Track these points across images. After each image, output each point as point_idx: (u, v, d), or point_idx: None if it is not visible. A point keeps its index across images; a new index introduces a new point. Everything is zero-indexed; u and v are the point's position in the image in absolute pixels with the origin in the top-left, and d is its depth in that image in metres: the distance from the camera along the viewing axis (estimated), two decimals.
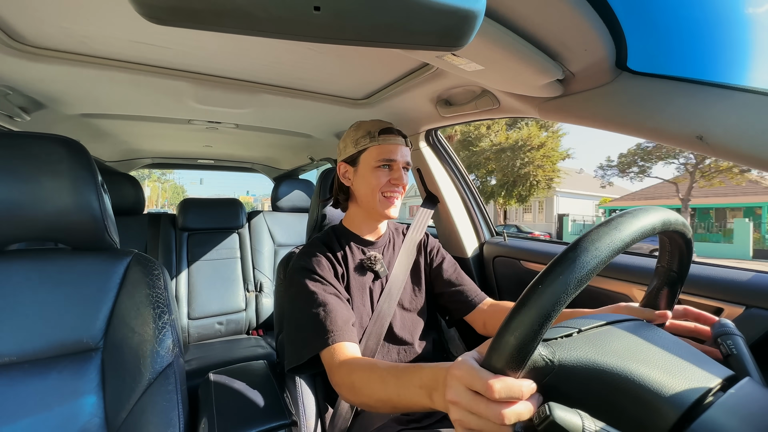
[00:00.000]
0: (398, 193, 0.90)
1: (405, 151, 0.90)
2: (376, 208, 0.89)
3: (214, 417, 0.78)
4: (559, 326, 0.47)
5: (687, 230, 0.48)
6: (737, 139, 0.58)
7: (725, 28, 0.67)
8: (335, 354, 0.70)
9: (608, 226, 0.39)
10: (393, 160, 0.87)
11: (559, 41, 0.64)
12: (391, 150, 0.87)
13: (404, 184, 0.89)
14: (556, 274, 0.36)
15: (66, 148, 0.71)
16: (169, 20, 0.34)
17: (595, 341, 0.43)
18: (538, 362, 0.39)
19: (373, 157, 0.88)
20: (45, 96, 1.15)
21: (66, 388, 0.68)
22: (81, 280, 0.75)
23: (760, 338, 0.68)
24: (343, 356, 0.69)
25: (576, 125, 0.82)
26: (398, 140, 0.89)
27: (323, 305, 0.76)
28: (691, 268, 0.56)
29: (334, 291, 0.81)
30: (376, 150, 0.87)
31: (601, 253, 0.36)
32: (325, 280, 0.82)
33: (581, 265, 0.36)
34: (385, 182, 0.88)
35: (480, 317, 0.97)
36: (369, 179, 0.88)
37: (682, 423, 0.36)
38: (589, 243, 0.37)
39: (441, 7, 0.34)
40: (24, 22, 0.78)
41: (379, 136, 0.88)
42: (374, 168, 0.87)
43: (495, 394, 0.36)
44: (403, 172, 0.89)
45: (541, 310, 0.35)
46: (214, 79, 1.08)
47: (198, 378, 1.02)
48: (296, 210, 2.18)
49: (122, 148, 2.06)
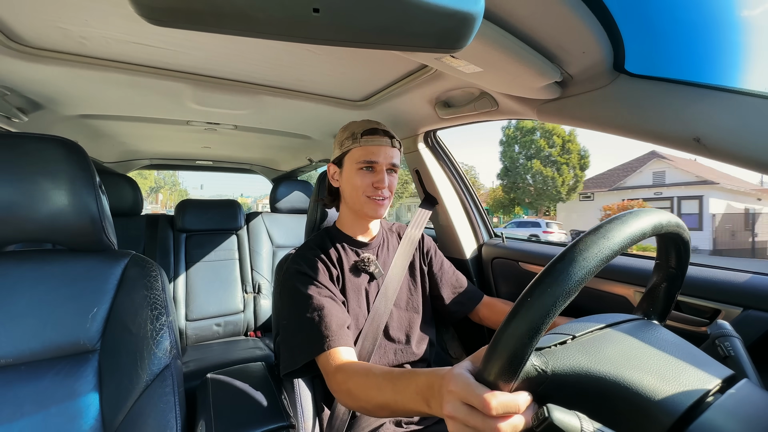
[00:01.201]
0: (381, 196, 0.87)
1: (390, 153, 0.87)
2: (362, 209, 0.88)
3: (211, 419, 0.78)
4: (553, 333, 0.47)
5: (682, 231, 0.48)
6: (734, 141, 0.59)
7: (722, 31, 0.68)
8: (331, 359, 0.70)
9: (596, 235, 0.38)
10: (374, 162, 0.85)
11: (557, 44, 0.65)
12: (373, 151, 0.85)
13: (386, 186, 0.86)
14: (545, 286, 0.36)
15: (64, 149, 0.70)
16: (168, 21, 0.34)
17: (589, 348, 0.43)
18: (530, 373, 0.39)
19: (355, 159, 0.86)
20: (43, 97, 1.15)
21: (63, 390, 0.67)
22: (78, 281, 0.74)
23: (757, 340, 0.68)
24: (338, 361, 0.69)
25: (574, 127, 0.82)
26: (382, 141, 0.86)
27: (318, 309, 0.76)
28: (690, 269, 0.56)
29: (329, 294, 0.81)
30: (358, 151, 0.86)
31: (589, 263, 0.36)
32: (320, 283, 0.81)
33: (569, 276, 0.36)
34: (368, 184, 0.86)
35: (476, 315, 1.02)
36: (352, 181, 0.87)
37: (679, 426, 0.36)
38: (577, 253, 0.37)
39: (440, 9, 0.34)
40: (22, 23, 0.78)
41: (362, 137, 0.86)
42: (357, 170, 0.86)
43: (492, 411, 0.37)
44: (386, 174, 0.87)
45: (531, 324, 0.35)
46: (213, 80, 1.08)
47: (196, 380, 1.02)
48: (295, 211, 2.18)
49: (120, 149, 2.06)
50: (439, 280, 1.01)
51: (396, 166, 0.90)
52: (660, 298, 0.56)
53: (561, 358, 0.41)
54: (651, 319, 0.56)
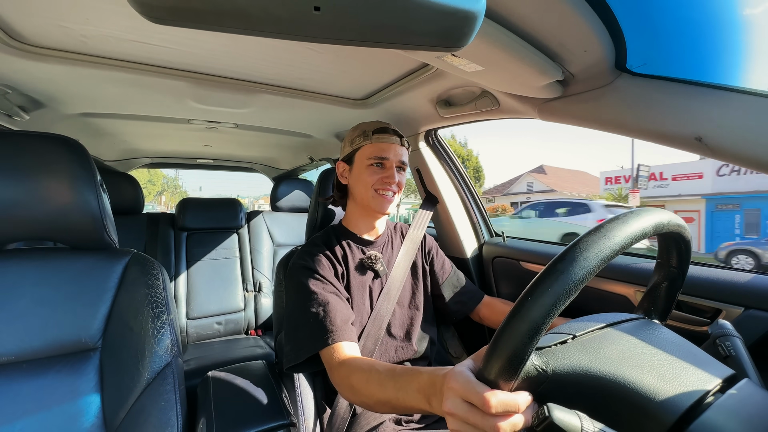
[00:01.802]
0: (391, 191, 0.90)
1: (399, 151, 0.91)
2: (371, 204, 0.90)
3: (212, 417, 0.78)
4: (554, 332, 0.47)
5: (683, 230, 0.48)
6: (736, 140, 0.58)
7: (724, 30, 0.68)
8: (334, 354, 0.70)
9: (597, 234, 0.38)
10: (385, 158, 0.89)
11: (559, 42, 0.64)
12: (383, 148, 0.89)
13: (396, 182, 0.90)
14: (545, 285, 0.36)
15: (65, 147, 0.70)
16: (169, 20, 0.34)
17: (590, 347, 0.43)
18: (531, 372, 0.39)
19: (365, 155, 0.90)
20: (44, 95, 1.15)
21: (64, 388, 0.68)
22: (80, 279, 0.74)
23: (758, 339, 0.68)
24: (342, 356, 0.69)
25: (575, 126, 0.82)
26: (392, 139, 0.90)
27: (323, 304, 0.76)
28: (690, 269, 0.56)
29: (334, 290, 0.81)
30: (369, 148, 0.89)
31: (589, 263, 0.36)
32: (325, 279, 0.82)
33: (569, 276, 0.36)
34: (378, 179, 0.89)
35: (476, 315, 1.03)
36: (362, 176, 0.90)
37: (679, 425, 0.36)
38: (578, 252, 0.37)
39: (441, 8, 0.34)
40: (23, 21, 0.78)
41: (373, 135, 0.89)
42: (367, 166, 0.89)
43: (491, 409, 0.37)
44: (396, 171, 0.90)
45: (531, 323, 0.35)
46: (214, 79, 1.08)
47: (196, 378, 1.02)
48: (295, 210, 2.18)
49: (121, 148, 2.06)
50: (440, 279, 1.02)
51: (405, 164, 0.93)
52: (661, 298, 0.55)
53: (561, 357, 0.42)
54: (652, 318, 0.56)
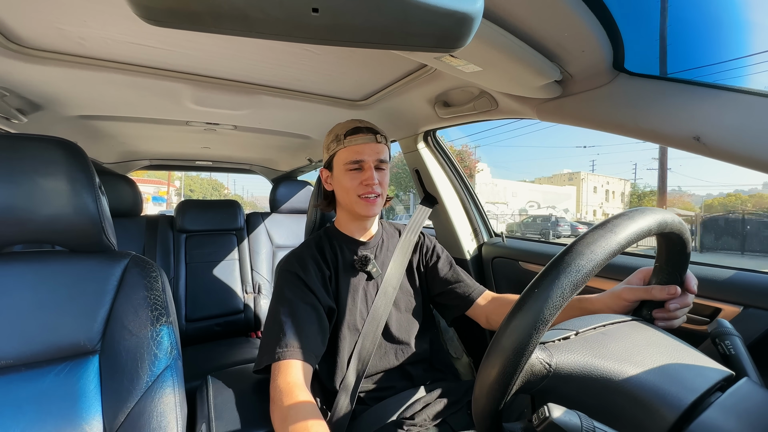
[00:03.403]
0: (373, 193, 0.86)
1: (376, 149, 0.86)
2: (356, 209, 0.88)
3: (212, 419, 0.78)
4: (557, 328, 0.47)
5: (684, 231, 0.48)
6: (733, 140, 0.59)
7: (722, 30, 0.68)
8: (279, 370, 0.71)
9: (604, 229, 0.39)
10: (361, 161, 0.85)
11: (557, 43, 0.64)
12: (358, 150, 0.85)
13: (376, 183, 0.86)
14: (552, 278, 0.36)
15: (63, 149, 0.70)
16: (167, 22, 0.34)
17: (592, 344, 0.43)
18: (535, 365, 0.39)
19: (342, 161, 0.87)
20: (42, 97, 1.15)
21: (63, 392, 0.67)
22: (78, 282, 0.74)
23: (758, 338, 0.68)
24: (287, 377, 0.69)
25: (573, 126, 0.82)
26: (366, 138, 0.86)
27: (291, 316, 0.76)
28: (689, 268, 0.56)
29: (312, 300, 0.80)
30: (343, 153, 0.86)
31: (596, 256, 0.36)
32: (305, 287, 0.81)
33: (577, 269, 0.36)
34: (358, 184, 0.86)
35: (482, 312, 0.96)
36: (343, 182, 0.87)
37: (680, 423, 0.36)
38: (585, 246, 0.37)
39: (439, 9, 0.34)
40: (21, 24, 0.78)
41: (345, 139, 0.86)
42: (345, 171, 0.86)
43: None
44: (374, 172, 0.86)
45: (537, 314, 0.35)
46: (212, 81, 1.07)
47: (196, 380, 1.02)
48: (294, 212, 2.18)
49: (120, 150, 2.05)
50: (439, 277, 1.00)
51: (384, 162, 0.89)
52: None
53: (565, 352, 0.41)
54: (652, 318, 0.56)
